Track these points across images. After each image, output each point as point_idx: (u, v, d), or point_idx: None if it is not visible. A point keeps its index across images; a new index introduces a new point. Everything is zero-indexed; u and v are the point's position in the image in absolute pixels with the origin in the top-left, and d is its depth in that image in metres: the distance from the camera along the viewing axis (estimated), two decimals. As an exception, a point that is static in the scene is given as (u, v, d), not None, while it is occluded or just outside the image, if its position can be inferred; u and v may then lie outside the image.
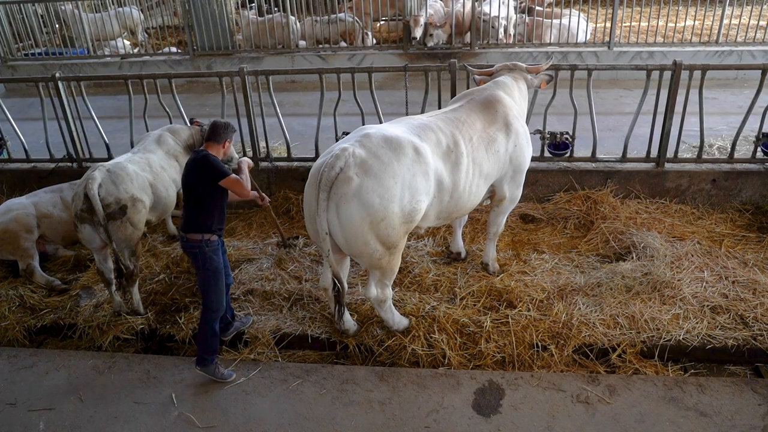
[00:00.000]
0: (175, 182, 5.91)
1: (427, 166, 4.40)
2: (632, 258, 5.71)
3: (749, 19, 11.09)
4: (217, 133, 4.43)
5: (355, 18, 12.08)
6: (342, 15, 12.07)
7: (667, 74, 6.32)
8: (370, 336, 4.98)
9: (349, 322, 5.04)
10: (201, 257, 4.38)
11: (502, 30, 10.82)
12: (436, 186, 4.52)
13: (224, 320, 4.84)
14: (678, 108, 6.39)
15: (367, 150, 4.27)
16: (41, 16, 12.59)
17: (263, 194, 5.20)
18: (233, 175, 4.37)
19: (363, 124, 6.73)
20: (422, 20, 11.09)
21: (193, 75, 10.38)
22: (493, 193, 5.30)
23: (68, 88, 7.16)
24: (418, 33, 11.10)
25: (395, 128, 4.56)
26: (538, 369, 4.64)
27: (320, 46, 11.91)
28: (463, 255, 5.98)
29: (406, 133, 4.49)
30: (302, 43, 12.46)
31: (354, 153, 4.23)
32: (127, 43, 13.18)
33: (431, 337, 4.88)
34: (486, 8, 11.29)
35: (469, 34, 11.38)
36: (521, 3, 12.56)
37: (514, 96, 5.25)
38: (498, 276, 5.60)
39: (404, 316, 5.05)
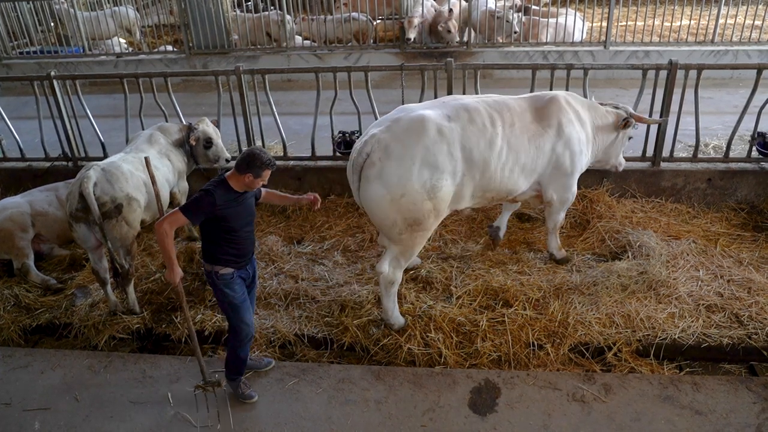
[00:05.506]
0: (169, 181, 5.90)
1: (450, 145, 4.69)
2: (628, 257, 5.73)
3: (744, 18, 11.11)
4: (238, 162, 3.95)
5: (369, 17, 12.05)
6: (355, 14, 12.05)
7: (663, 74, 6.34)
8: (367, 335, 4.98)
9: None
10: (214, 288, 4.21)
11: (515, 23, 10.74)
12: (465, 163, 4.78)
13: None
14: (674, 107, 6.41)
15: (392, 134, 4.67)
16: (35, 12, 12.51)
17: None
18: (173, 212, 3.93)
19: (359, 124, 6.79)
20: (416, 21, 11.06)
21: (189, 74, 10.34)
22: (540, 193, 5.43)
23: (63, 87, 7.14)
24: (412, 34, 11.07)
25: (428, 110, 4.84)
26: (534, 368, 4.65)
27: (333, 45, 11.86)
28: (501, 232, 6.12)
29: (435, 115, 4.77)
30: (306, 42, 12.42)
31: (379, 139, 4.65)
32: (123, 41, 13.12)
33: (427, 336, 4.88)
34: (483, 5, 11.25)
35: (465, 33, 11.38)
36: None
37: (579, 111, 5.36)
38: (566, 264, 5.74)
39: (401, 316, 5.07)
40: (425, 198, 4.62)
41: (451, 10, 10.97)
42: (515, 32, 10.77)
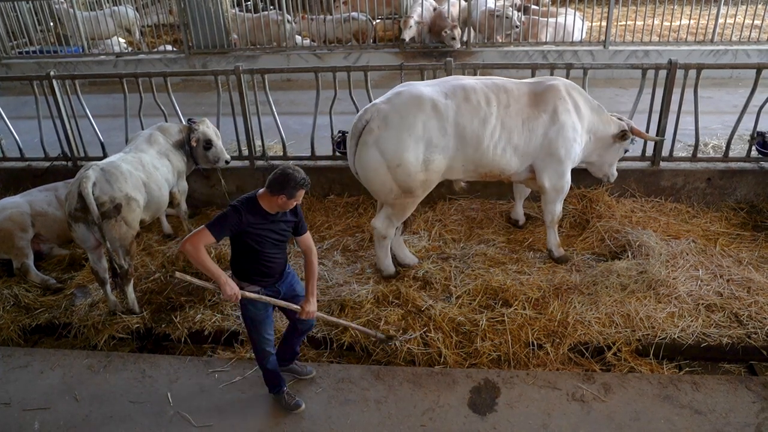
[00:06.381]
0: (168, 181, 5.90)
1: (445, 121, 5.04)
2: (627, 256, 5.73)
3: (744, 18, 11.10)
4: (270, 182, 3.77)
5: (368, 17, 12.04)
6: (355, 14, 12.04)
7: (663, 73, 6.34)
8: (367, 335, 4.97)
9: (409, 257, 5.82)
10: (240, 301, 4.00)
11: (515, 18, 10.72)
12: (458, 139, 5.11)
13: (283, 359, 4.49)
14: (673, 107, 6.41)
15: (392, 106, 5.05)
16: (35, 12, 12.51)
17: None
18: (198, 230, 3.74)
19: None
20: (412, 21, 11.06)
21: (189, 73, 10.31)
22: (534, 177, 5.54)
23: (63, 87, 7.13)
24: (407, 35, 11.06)
25: (428, 87, 5.20)
26: (533, 367, 4.65)
27: (332, 44, 11.86)
28: (520, 222, 6.47)
29: (433, 92, 5.10)
30: (305, 41, 12.40)
31: (379, 109, 5.04)
32: (122, 41, 13.11)
33: (427, 336, 4.88)
34: (482, 4, 11.24)
35: (465, 32, 11.36)
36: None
37: (579, 103, 5.46)
38: (565, 263, 5.77)
39: (392, 265, 5.63)
40: (419, 170, 5.05)
41: (454, 26, 10.90)
42: (516, 27, 10.77)
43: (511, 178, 5.63)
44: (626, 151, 6.04)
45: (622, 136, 5.67)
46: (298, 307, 4.13)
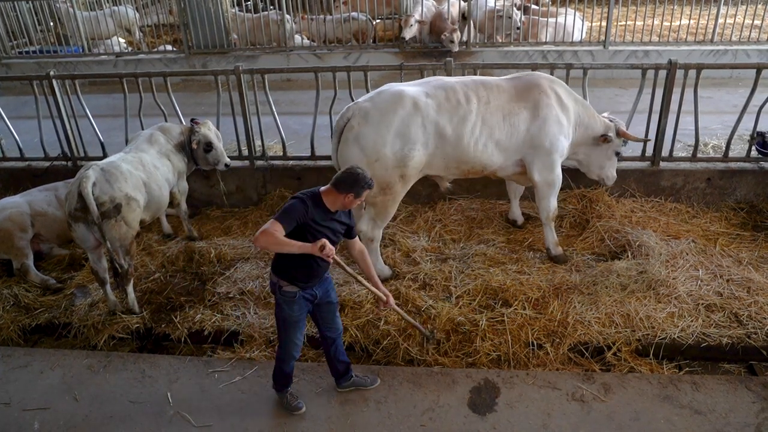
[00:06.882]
0: (168, 181, 5.90)
1: (424, 119, 5.12)
2: (627, 256, 5.73)
3: (744, 18, 11.11)
4: (339, 181, 3.79)
5: (368, 17, 12.04)
6: (355, 14, 12.04)
7: (663, 73, 6.34)
8: (366, 335, 4.98)
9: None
10: (275, 300, 4.03)
11: (516, 18, 10.72)
12: (437, 137, 5.19)
13: (341, 375, 4.44)
14: (673, 107, 6.41)
15: (373, 103, 5.18)
16: (35, 12, 12.52)
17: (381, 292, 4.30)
18: (269, 223, 3.68)
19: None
20: (412, 20, 11.06)
21: (189, 73, 10.30)
22: (523, 170, 5.59)
23: (63, 87, 7.13)
24: (407, 34, 11.05)
25: (410, 86, 5.34)
26: (533, 367, 4.65)
27: (332, 44, 11.86)
28: (519, 222, 6.49)
29: (414, 91, 5.21)
30: (306, 41, 12.40)
31: (360, 107, 5.18)
32: (122, 41, 13.11)
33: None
34: (483, 4, 11.25)
35: (465, 32, 11.36)
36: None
37: (561, 96, 5.50)
38: (563, 262, 5.77)
39: (386, 267, 5.65)
40: (395, 165, 5.13)
41: (454, 30, 10.88)
42: (517, 29, 10.77)
43: (496, 173, 5.65)
44: (618, 153, 6.02)
45: (604, 138, 5.69)
46: (383, 296, 4.28)
